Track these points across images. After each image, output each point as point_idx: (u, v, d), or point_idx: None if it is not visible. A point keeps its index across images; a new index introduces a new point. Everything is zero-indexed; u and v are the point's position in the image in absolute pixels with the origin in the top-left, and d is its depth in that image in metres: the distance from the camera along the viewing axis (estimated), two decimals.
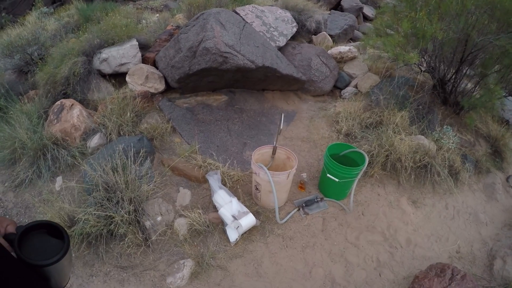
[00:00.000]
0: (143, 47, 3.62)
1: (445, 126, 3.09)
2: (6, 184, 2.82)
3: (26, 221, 2.60)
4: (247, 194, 2.61)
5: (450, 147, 2.91)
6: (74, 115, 2.86)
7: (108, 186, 2.26)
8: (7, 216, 2.60)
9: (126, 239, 2.17)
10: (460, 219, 2.71)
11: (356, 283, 2.13)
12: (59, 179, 2.68)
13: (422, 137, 2.92)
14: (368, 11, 6.51)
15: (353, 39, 5.29)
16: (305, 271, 2.16)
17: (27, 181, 2.73)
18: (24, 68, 3.97)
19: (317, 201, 2.52)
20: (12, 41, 4.12)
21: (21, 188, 2.74)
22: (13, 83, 3.72)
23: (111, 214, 2.14)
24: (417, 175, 2.79)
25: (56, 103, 3.04)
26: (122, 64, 3.34)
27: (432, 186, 2.83)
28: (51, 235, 0.71)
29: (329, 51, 4.23)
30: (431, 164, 2.77)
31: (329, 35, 4.73)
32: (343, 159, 2.53)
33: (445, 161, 2.84)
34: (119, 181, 2.23)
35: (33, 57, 3.96)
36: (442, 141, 2.94)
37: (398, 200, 2.68)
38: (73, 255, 2.24)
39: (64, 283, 0.76)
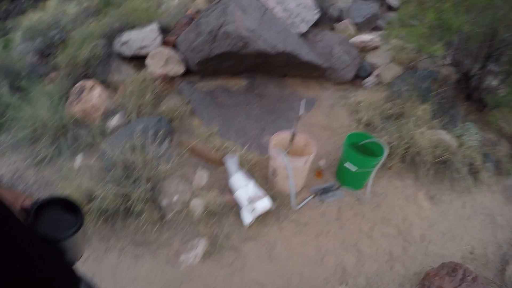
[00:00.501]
0: (164, 30, 3.62)
1: (467, 123, 3.00)
2: (27, 161, 2.90)
3: (46, 195, 2.66)
4: (263, 178, 2.61)
5: (471, 144, 2.82)
6: (94, 96, 2.91)
7: (126, 165, 2.30)
8: (28, 192, 2.68)
9: (142, 216, 2.21)
10: (477, 219, 2.64)
11: (366, 274, 2.11)
12: (78, 157, 2.74)
13: (444, 132, 2.85)
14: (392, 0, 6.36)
15: (376, 28, 5.18)
16: (317, 258, 2.16)
17: (47, 158, 2.80)
18: (45, 51, 4.03)
19: (334, 190, 2.50)
20: (33, 25, 4.21)
21: (41, 165, 2.81)
22: (35, 65, 3.80)
23: (128, 192, 2.18)
24: (436, 170, 2.73)
25: (77, 84, 3.10)
26: (142, 47, 3.35)
27: (451, 183, 2.76)
28: (67, 211, 0.72)
29: (351, 40, 4.13)
30: (451, 161, 2.70)
31: (351, 23, 4.62)
32: (362, 149, 2.49)
33: (466, 158, 2.75)
34: (137, 160, 2.26)
35: (54, 40, 4.02)
36: (464, 137, 2.85)
37: (415, 195, 2.64)
38: (90, 229, 2.29)
39: (78, 257, 0.77)
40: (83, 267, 2.12)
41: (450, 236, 2.44)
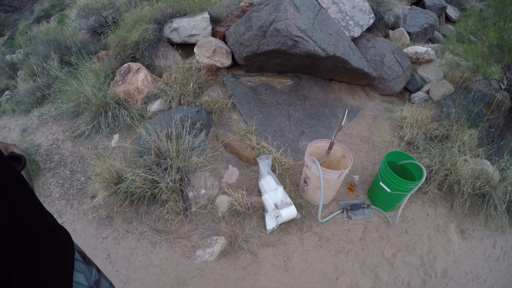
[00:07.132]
0: (214, 20, 3.63)
1: None
2: (66, 134, 3.03)
3: (79, 169, 2.78)
4: (294, 184, 2.57)
5: None
6: (139, 78, 2.99)
7: (160, 152, 2.34)
8: (62, 163, 2.81)
9: (167, 205, 2.25)
10: (505, 263, 2.44)
11: None
12: (115, 137, 2.83)
13: (488, 162, 2.66)
14: (452, 12, 5.94)
15: (432, 40, 4.89)
16: (333, 276, 2.09)
17: (86, 134, 2.91)
18: (98, 30, 4.20)
19: (363, 207, 2.42)
20: (88, 4, 4.37)
21: (79, 139, 2.93)
22: (86, 42, 3.95)
23: (157, 179, 2.22)
24: (473, 203, 2.56)
25: (124, 65, 3.18)
26: (191, 35, 3.38)
27: (485, 219, 2.58)
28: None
29: (405, 50, 3.96)
30: (490, 195, 2.52)
31: (407, 32, 4.42)
32: (400, 169, 2.39)
33: (506, 194, 2.56)
34: (171, 149, 2.30)
35: (107, 20, 4.17)
36: (508, 172, 2.66)
37: (446, 226, 2.49)
38: (115, 209, 2.36)
39: None
40: (102, 243, 2.20)
41: (473, 276, 2.29)
